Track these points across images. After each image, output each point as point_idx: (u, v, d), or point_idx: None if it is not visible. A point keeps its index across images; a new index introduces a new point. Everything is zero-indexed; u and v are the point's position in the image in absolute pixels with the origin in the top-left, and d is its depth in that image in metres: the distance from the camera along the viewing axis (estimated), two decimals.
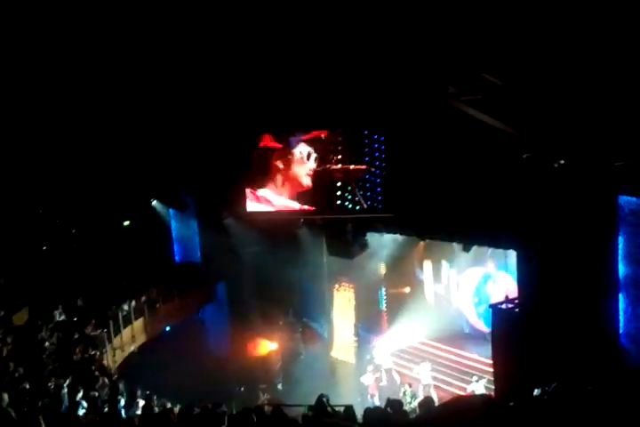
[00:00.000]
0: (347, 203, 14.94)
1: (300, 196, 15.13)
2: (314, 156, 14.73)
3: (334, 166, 14.59)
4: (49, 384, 10.47)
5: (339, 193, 14.88)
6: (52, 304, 14.80)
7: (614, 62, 8.69)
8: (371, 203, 14.87)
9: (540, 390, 7.04)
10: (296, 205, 15.25)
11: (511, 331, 11.93)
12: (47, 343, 12.93)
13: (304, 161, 14.82)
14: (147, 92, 13.70)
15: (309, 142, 14.87)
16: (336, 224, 16.81)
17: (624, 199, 10.40)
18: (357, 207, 14.85)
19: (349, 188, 14.79)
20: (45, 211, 17.47)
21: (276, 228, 17.18)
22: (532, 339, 11.26)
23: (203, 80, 13.37)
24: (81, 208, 17.41)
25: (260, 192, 15.39)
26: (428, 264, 18.95)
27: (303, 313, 19.37)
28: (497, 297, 15.61)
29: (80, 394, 10.00)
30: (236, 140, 15.60)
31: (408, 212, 14.42)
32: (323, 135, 14.84)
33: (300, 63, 11.31)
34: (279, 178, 15.23)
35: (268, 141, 15.15)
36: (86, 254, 17.36)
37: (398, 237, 17.09)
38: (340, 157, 14.62)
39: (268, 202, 15.52)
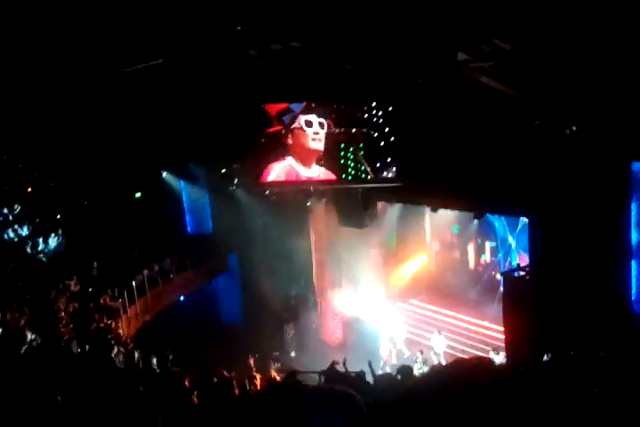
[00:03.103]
0: (354, 171, 15.02)
1: (317, 163, 15.50)
2: (317, 120, 14.92)
3: (337, 130, 14.77)
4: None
5: (346, 161, 14.98)
6: (67, 275, 14.99)
7: (627, 25, 8.47)
8: (380, 172, 14.89)
9: (549, 356, 7.09)
10: (314, 173, 15.57)
11: (522, 298, 11.98)
12: (63, 313, 13.14)
13: (304, 129, 15.03)
14: (157, 66, 13.61)
15: (307, 110, 15.00)
16: (346, 194, 16.80)
17: (637, 166, 10.28)
18: (364, 176, 14.92)
19: (352, 153, 14.91)
20: (57, 184, 17.56)
21: (287, 198, 17.21)
22: (544, 306, 11.31)
23: (209, 56, 13.27)
24: (93, 180, 17.47)
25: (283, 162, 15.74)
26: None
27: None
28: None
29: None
30: (248, 111, 15.62)
31: (418, 181, 14.35)
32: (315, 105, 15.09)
33: (308, 33, 11.15)
34: (290, 152, 15.53)
35: (274, 127, 15.40)
36: (99, 226, 17.50)
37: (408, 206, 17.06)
38: (342, 121, 14.83)
39: (289, 173, 15.77)
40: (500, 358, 14.10)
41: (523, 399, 5.30)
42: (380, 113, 14.62)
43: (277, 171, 15.63)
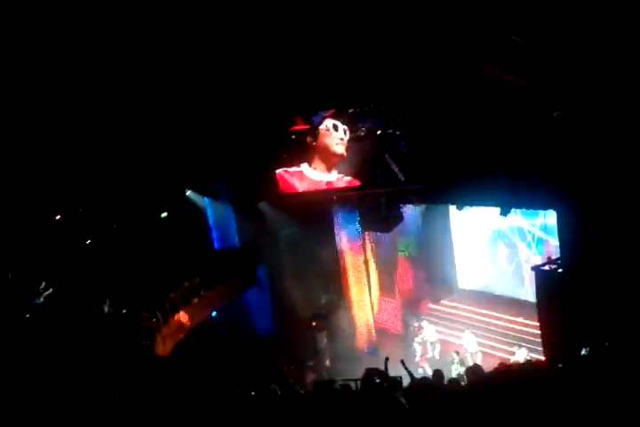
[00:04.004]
0: (381, 173, 15.18)
1: (338, 168, 15.80)
2: (342, 127, 15.11)
3: (362, 133, 14.98)
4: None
5: (373, 163, 15.11)
6: (100, 298, 15.19)
7: None
8: (406, 173, 14.99)
9: (587, 350, 6.97)
10: (332, 177, 15.76)
11: (555, 292, 11.82)
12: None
13: (331, 132, 15.30)
14: (177, 82, 13.87)
15: (334, 116, 15.22)
16: (369, 199, 16.80)
17: None
18: (393, 177, 15.02)
19: (379, 156, 15.02)
20: (84, 209, 17.85)
21: (310, 207, 17.27)
22: (577, 299, 11.14)
23: (229, 70, 13.50)
24: (118, 204, 17.72)
25: (295, 168, 16.15)
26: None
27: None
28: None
29: None
30: (266, 124, 15.88)
31: (442, 180, 14.29)
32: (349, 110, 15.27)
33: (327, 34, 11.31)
34: (313, 154, 15.84)
35: (298, 125, 15.71)
36: (128, 248, 17.72)
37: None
38: (366, 125, 15.02)
39: (301, 179, 15.88)
40: (523, 353, 13.97)
41: (563, 398, 5.24)
42: (402, 111, 14.75)
43: (291, 179, 15.93)
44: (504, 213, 15.70)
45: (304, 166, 16.06)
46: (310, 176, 16.08)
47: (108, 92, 13.72)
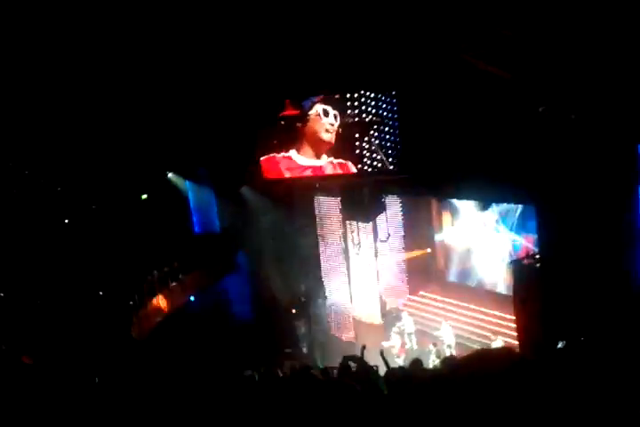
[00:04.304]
0: (369, 161, 15.15)
1: (327, 154, 15.71)
2: (332, 112, 15.04)
3: (350, 119, 14.85)
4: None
5: (360, 150, 15.12)
6: (77, 279, 15.02)
7: (629, 11, 8.40)
8: (392, 162, 15.01)
9: (563, 343, 7.05)
10: (322, 162, 15.73)
11: (533, 286, 11.94)
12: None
13: (321, 117, 15.20)
14: (161, 64, 13.68)
15: (324, 101, 15.13)
16: (352, 187, 16.78)
17: None
18: (381, 165, 15.03)
19: (367, 143, 15.01)
20: (63, 189, 17.58)
21: (292, 194, 17.21)
22: (554, 293, 11.27)
23: (215, 52, 13.32)
24: (98, 184, 17.48)
25: (284, 154, 16.03)
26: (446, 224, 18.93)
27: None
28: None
29: None
30: (252, 108, 15.72)
31: (424, 172, 14.32)
32: (336, 95, 15.25)
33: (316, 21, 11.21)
34: (301, 139, 15.74)
35: (288, 110, 15.57)
36: (107, 230, 17.52)
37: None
38: (356, 111, 14.97)
39: (289, 165, 15.85)
40: (498, 344, 14.12)
41: (540, 389, 5.28)
42: (390, 100, 14.76)
43: (278, 165, 15.81)
44: (485, 207, 15.86)
45: (292, 152, 15.95)
46: (298, 162, 15.99)
47: (90, 76, 13.48)
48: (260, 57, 13.35)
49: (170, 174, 19.27)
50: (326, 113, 15.19)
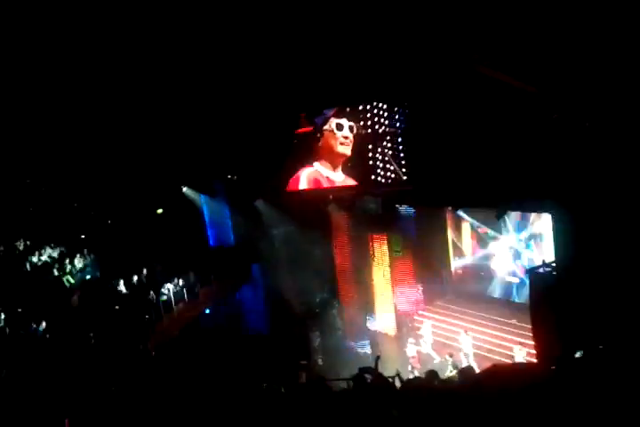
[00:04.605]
0: (383, 172, 15.25)
1: (344, 167, 16.06)
2: (347, 124, 15.21)
3: (364, 131, 15.19)
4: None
5: (375, 161, 15.20)
6: (94, 294, 15.14)
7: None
8: (402, 175, 15.09)
9: (582, 353, 6.98)
10: (339, 178, 16.16)
11: (550, 295, 11.83)
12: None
13: (335, 132, 15.45)
14: (180, 82, 13.87)
15: (337, 114, 15.31)
16: (365, 199, 16.82)
17: None
18: (394, 176, 15.13)
19: (380, 154, 15.11)
20: (80, 204, 17.80)
21: (307, 206, 17.27)
22: (571, 301, 11.15)
23: (232, 68, 13.50)
24: (114, 198, 17.68)
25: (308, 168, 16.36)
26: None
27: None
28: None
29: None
30: (268, 123, 15.94)
31: (437, 181, 14.31)
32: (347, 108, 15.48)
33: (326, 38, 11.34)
34: (318, 153, 16.12)
35: (302, 128, 15.94)
36: (123, 243, 17.67)
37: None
38: (369, 123, 15.25)
39: (314, 176, 16.20)
40: (523, 354, 13.97)
41: (556, 400, 5.25)
42: (403, 111, 14.90)
43: (305, 178, 15.99)
44: (499, 215, 15.75)
45: (317, 165, 16.21)
46: (322, 173, 16.22)
47: (107, 89, 13.68)
48: (276, 72, 13.48)
49: (185, 188, 19.44)
50: (340, 127, 15.37)
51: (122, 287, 15.99)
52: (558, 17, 9.38)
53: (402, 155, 15.11)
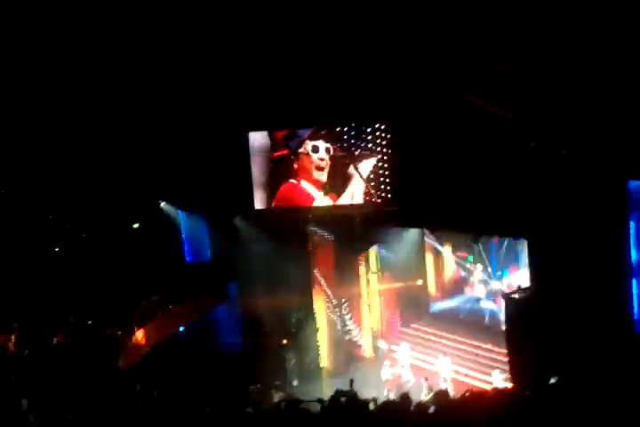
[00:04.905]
0: (357, 193, 15.29)
1: (321, 188, 16.10)
2: (323, 146, 15.19)
3: (340, 153, 15.03)
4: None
5: (350, 183, 15.21)
6: (65, 308, 14.84)
7: (619, 50, 8.61)
8: (378, 196, 15.10)
9: (556, 379, 6.99)
10: (317, 194, 16.11)
11: (525, 319, 11.90)
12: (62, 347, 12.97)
13: (310, 155, 15.42)
14: (153, 93, 13.84)
15: (312, 137, 15.29)
16: (344, 219, 16.83)
17: (634, 184, 10.32)
18: (368, 198, 15.19)
19: (358, 175, 15.12)
20: (54, 216, 17.51)
21: (285, 225, 17.23)
22: (546, 326, 11.22)
23: (208, 83, 13.52)
24: (90, 212, 17.44)
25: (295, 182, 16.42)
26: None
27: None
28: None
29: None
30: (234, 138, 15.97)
31: (417, 205, 14.42)
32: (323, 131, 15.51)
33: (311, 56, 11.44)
34: (298, 175, 16.07)
35: (278, 151, 15.95)
36: (97, 258, 17.40)
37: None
38: (345, 145, 15.25)
39: (298, 195, 16.26)
40: (503, 378, 13.93)
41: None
42: (383, 135, 14.95)
43: (287, 192, 15.94)
44: (476, 240, 15.90)
45: (302, 182, 16.24)
46: (307, 189, 16.17)
47: (85, 101, 13.62)
48: (255, 89, 13.55)
49: (162, 204, 19.27)
50: (315, 149, 15.34)
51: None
52: (537, 45, 9.60)
53: (379, 177, 15.17)
